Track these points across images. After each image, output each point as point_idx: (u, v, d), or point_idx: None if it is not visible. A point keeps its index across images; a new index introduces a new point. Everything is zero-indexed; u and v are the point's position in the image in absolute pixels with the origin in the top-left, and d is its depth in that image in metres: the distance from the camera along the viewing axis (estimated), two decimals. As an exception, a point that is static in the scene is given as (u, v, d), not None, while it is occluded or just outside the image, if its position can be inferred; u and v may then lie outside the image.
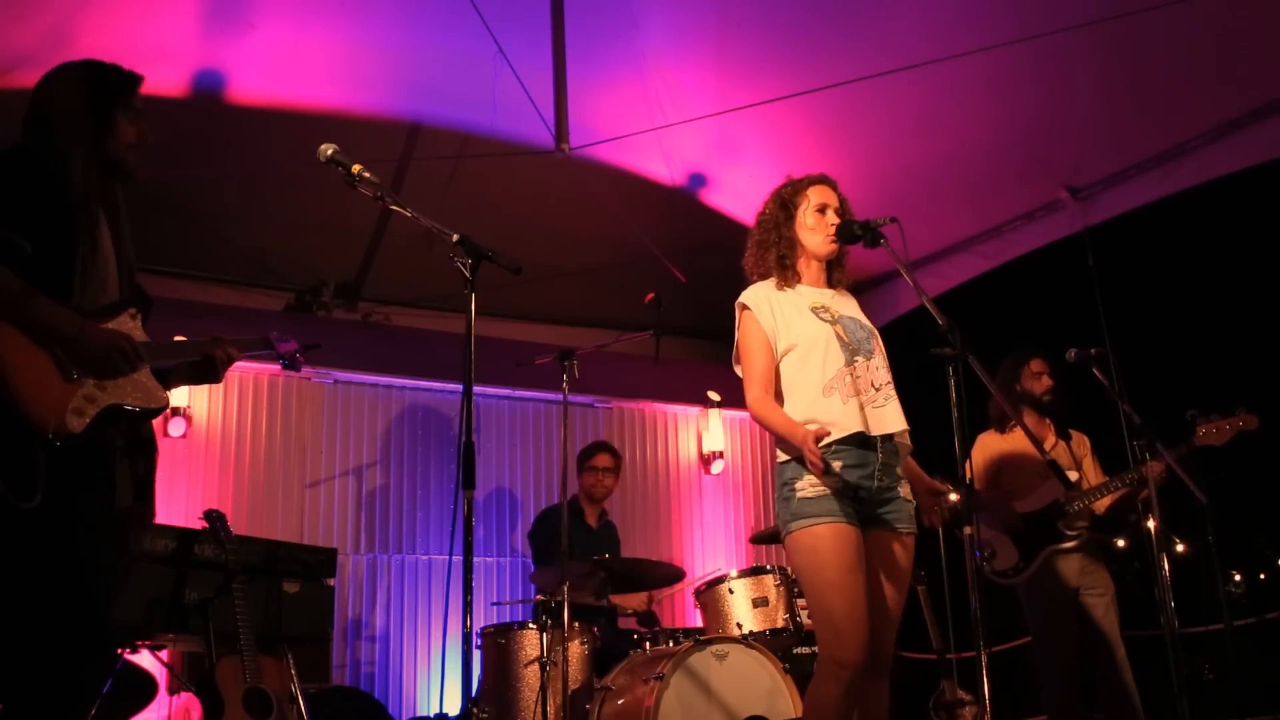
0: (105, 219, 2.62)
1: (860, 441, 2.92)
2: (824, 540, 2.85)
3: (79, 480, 2.42)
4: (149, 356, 2.60)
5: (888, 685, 3.00)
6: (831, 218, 3.14)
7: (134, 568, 3.74)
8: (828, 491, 2.88)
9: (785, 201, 3.19)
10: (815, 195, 3.16)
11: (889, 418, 2.98)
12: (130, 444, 2.59)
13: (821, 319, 3.05)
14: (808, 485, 2.90)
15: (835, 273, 3.24)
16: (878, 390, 3.00)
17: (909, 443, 3.09)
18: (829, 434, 2.84)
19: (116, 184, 2.70)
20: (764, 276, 3.18)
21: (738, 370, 3.18)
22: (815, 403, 2.95)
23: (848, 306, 3.18)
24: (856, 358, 3.01)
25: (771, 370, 3.05)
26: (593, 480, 5.54)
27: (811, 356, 3.00)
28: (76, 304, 2.49)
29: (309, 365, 5.79)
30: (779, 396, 3.05)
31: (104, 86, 2.68)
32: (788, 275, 3.14)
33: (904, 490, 3.03)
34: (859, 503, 2.92)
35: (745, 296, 3.15)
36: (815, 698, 2.88)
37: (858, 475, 2.91)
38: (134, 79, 2.73)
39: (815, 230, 3.14)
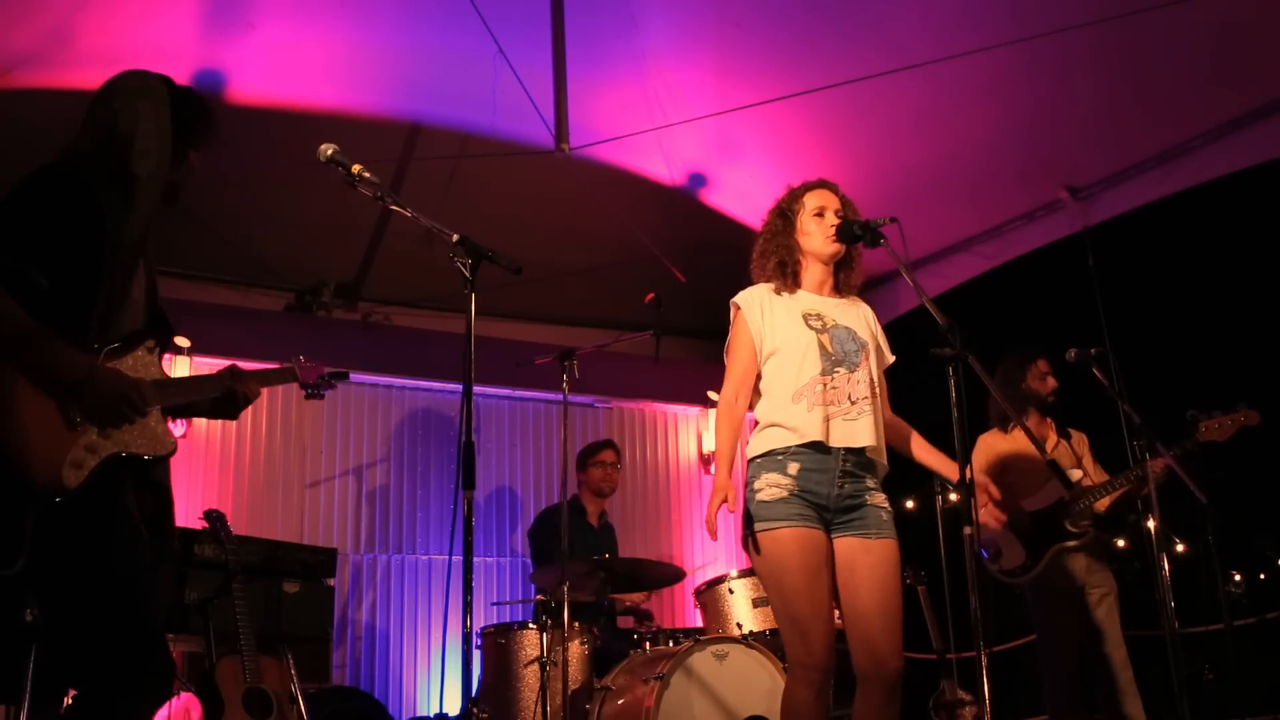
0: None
1: (819, 448, 2.95)
2: (785, 545, 2.88)
3: (76, 532, 2.29)
4: (161, 398, 2.46)
5: (899, 704, 2.93)
6: (830, 219, 3.14)
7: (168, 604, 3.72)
8: (785, 494, 2.91)
9: (784, 211, 3.22)
10: (811, 200, 3.18)
11: (858, 432, 2.98)
12: (138, 485, 2.47)
13: (810, 326, 3.06)
14: (766, 486, 2.93)
15: (842, 274, 3.23)
16: (853, 404, 3.00)
17: (884, 462, 3.08)
18: (723, 510, 2.94)
19: None
20: (767, 281, 3.20)
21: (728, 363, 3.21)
22: (783, 407, 3.00)
23: (848, 315, 3.16)
24: (838, 369, 3.02)
25: (751, 374, 3.11)
26: (601, 475, 5.54)
27: (789, 363, 3.04)
28: (95, 337, 2.37)
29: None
30: (758, 395, 3.12)
31: (191, 117, 2.56)
32: (788, 281, 3.15)
33: (875, 499, 3.01)
34: (818, 509, 2.93)
35: (739, 297, 3.19)
36: (789, 703, 2.90)
37: (815, 480, 2.94)
38: (213, 115, 2.62)
39: (813, 234, 3.15)
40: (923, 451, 3.22)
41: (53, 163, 2.45)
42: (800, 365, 3.01)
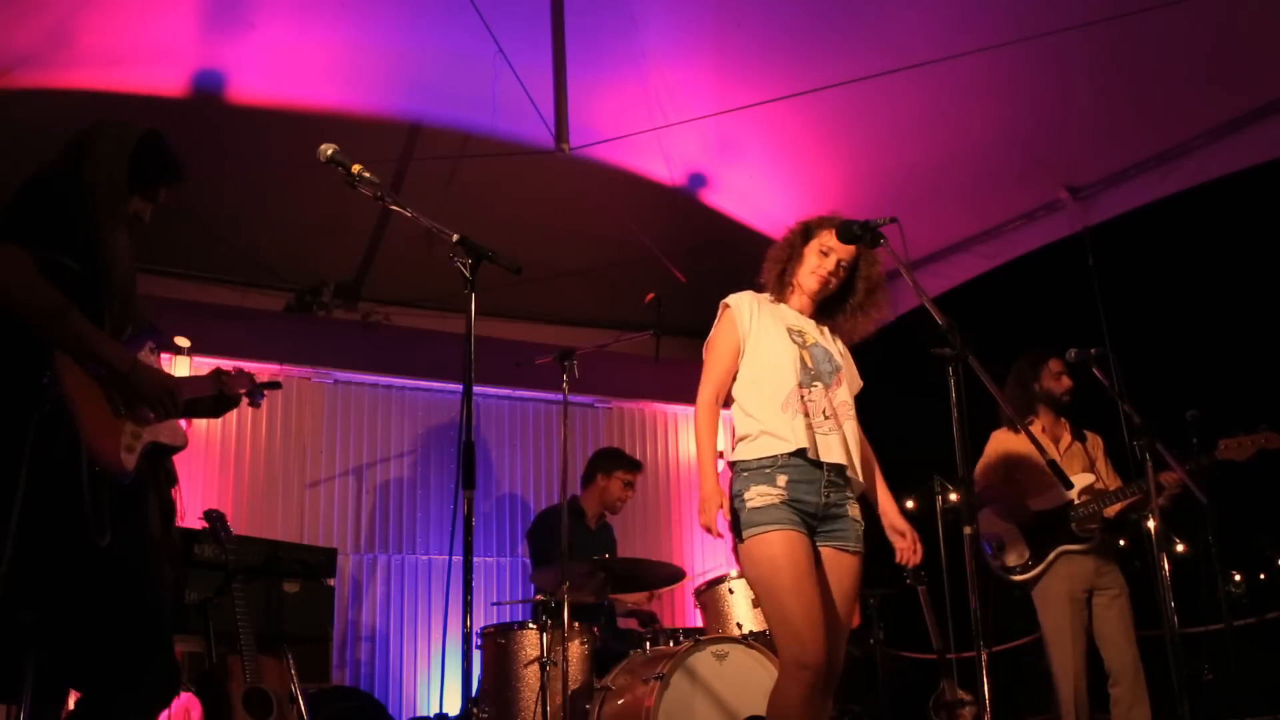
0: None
1: (806, 458, 3.03)
2: (776, 547, 2.96)
3: (119, 514, 2.40)
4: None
5: (832, 701, 3.08)
6: (829, 264, 3.19)
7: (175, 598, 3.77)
8: (775, 500, 3.00)
9: (808, 228, 3.26)
10: (829, 238, 3.20)
11: (832, 447, 3.07)
12: (155, 477, 2.58)
13: (793, 340, 3.16)
14: (756, 495, 3.02)
15: (836, 317, 3.28)
16: (826, 419, 3.10)
17: (859, 479, 3.15)
18: (721, 527, 3.05)
19: None
20: (767, 286, 3.28)
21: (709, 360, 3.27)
22: (771, 414, 3.07)
23: (825, 339, 3.25)
24: (815, 383, 3.12)
25: (730, 376, 3.21)
26: (622, 492, 5.47)
27: (772, 370, 3.12)
28: (110, 334, 2.46)
29: (309, 365, 5.87)
30: (731, 398, 3.22)
31: (149, 159, 2.65)
32: (784, 291, 3.25)
33: (853, 511, 3.14)
34: (805, 515, 3.02)
35: (730, 297, 3.27)
36: (778, 701, 2.95)
37: (803, 490, 3.03)
38: (179, 174, 2.71)
39: (806, 265, 3.22)
40: (879, 490, 3.31)
41: (38, 173, 2.53)
42: (783, 374, 3.10)
